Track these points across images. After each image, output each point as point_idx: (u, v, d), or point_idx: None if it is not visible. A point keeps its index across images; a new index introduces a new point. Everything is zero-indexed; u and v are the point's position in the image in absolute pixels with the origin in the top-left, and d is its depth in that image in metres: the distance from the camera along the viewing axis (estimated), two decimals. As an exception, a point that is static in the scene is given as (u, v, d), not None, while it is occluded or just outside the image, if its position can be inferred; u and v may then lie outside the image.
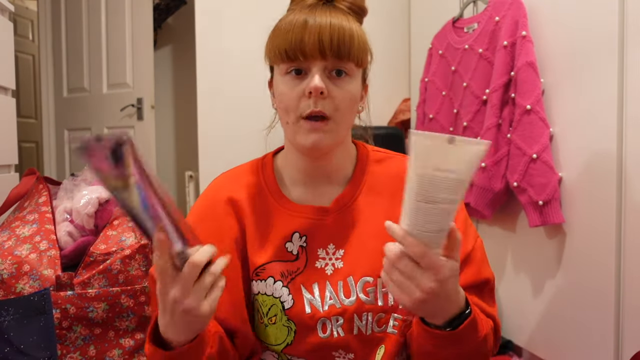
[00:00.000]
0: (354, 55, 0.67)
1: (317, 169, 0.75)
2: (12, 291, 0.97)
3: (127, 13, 2.58)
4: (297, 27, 0.66)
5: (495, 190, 1.50)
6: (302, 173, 0.76)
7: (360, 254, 0.72)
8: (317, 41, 0.65)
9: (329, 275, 0.72)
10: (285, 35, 0.67)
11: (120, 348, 1.03)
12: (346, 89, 0.68)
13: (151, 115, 2.57)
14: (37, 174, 1.32)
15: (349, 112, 0.70)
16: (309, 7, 0.69)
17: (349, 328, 0.70)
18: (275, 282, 0.71)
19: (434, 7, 2.01)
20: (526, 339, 1.56)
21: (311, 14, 0.67)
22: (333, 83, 0.68)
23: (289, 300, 0.70)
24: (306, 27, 0.65)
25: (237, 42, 2.10)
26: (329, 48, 0.65)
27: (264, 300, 0.71)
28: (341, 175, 0.77)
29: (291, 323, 0.70)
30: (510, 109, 1.47)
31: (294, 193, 0.76)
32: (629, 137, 1.17)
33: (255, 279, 0.72)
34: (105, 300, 1.01)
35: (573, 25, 1.31)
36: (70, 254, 1.09)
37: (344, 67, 0.68)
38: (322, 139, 0.68)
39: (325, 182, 0.76)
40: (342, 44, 0.66)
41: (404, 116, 2.21)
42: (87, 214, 1.13)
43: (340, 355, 0.71)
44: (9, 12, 1.53)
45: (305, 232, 0.73)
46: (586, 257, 1.29)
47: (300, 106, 0.67)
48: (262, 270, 0.72)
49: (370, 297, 0.71)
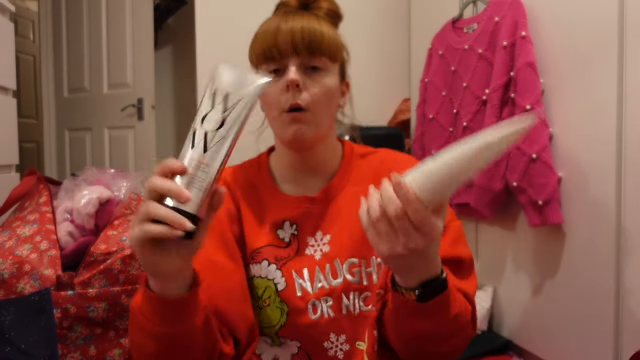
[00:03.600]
0: (326, 50, 0.73)
1: (303, 162, 0.80)
2: (12, 291, 0.97)
3: (128, 13, 2.58)
4: (272, 30, 0.73)
5: (495, 190, 1.51)
6: (290, 169, 0.82)
7: (345, 238, 0.76)
8: (289, 40, 0.72)
9: (317, 260, 0.76)
10: (262, 39, 0.74)
11: (120, 348, 1.03)
12: (321, 82, 0.74)
13: (151, 115, 2.57)
14: (37, 174, 1.32)
15: (325, 104, 0.75)
16: (285, 13, 0.76)
17: (338, 307, 0.74)
18: (270, 264, 0.75)
19: (434, 7, 2.01)
20: (526, 339, 1.56)
21: (286, 19, 0.74)
22: (308, 77, 0.74)
23: (282, 283, 0.74)
24: (279, 29, 0.72)
25: (237, 42, 2.10)
26: (301, 44, 0.72)
27: (258, 283, 0.75)
28: (327, 169, 0.82)
29: (284, 305, 0.74)
30: (510, 109, 1.47)
31: (285, 188, 0.82)
32: (628, 137, 1.17)
33: (252, 262, 0.76)
34: (106, 300, 1.02)
35: (573, 25, 1.31)
36: (70, 253, 1.09)
37: (318, 63, 0.74)
38: (302, 129, 0.73)
39: (312, 175, 0.81)
40: (313, 40, 0.72)
41: (404, 116, 2.22)
42: (87, 214, 1.13)
43: (332, 342, 0.74)
44: (10, 12, 1.53)
45: (296, 220, 0.78)
46: (586, 257, 1.29)
47: (281, 101, 0.73)
48: (257, 253, 0.76)
49: (356, 277, 0.75)
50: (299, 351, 0.74)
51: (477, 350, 1.55)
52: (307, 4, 0.78)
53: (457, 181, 0.54)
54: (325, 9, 0.78)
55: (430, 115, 1.84)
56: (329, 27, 0.75)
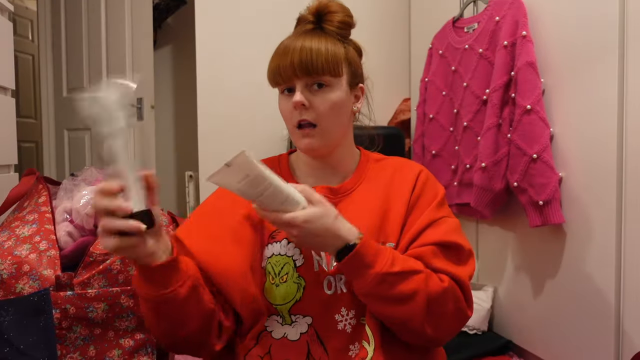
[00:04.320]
0: (323, 69, 0.80)
1: (323, 163, 0.89)
2: (11, 291, 0.97)
3: (127, 13, 2.58)
4: (279, 52, 0.82)
5: (495, 191, 1.50)
6: (310, 167, 0.90)
7: (360, 225, 0.80)
8: (288, 65, 0.80)
9: None
10: (272, 61, 0.83)
11: (120, 348, 1.02)
12: (326, 98, 0.81)
13: (151, 115, 2.57)
14: (36, 174, 1.32)
15: (333, 116, 0.83)
16: (296, 34, 0.84)
17: (350, 284, 0.80)
18: (289, 243, 0.82)
19: (434, 7, 2.01)
20: (526, 339, 1.56)
21: (294, 40, 0.81)
22: (314, 95, 0.81)
23: (300, 259, 0.81)
24: (284, 54, 0.81)
25: (237, 42, 2.10)
26: (299, 69, 0.79)
27: (277, 261, 0.82)
28: (345, 170, 0.91)
29: (301, 279, 0.80)
30: (511, 108, 1.47)
31: (305, 181, 0.89)
32: (629, 137, 1.17)
33: (271, 242, 0.84)
34: (105, 301, 1.01)
35: (574, 25, 1.31)
36: (69, 254, 1.08)
37: (322, 80, 0.81)
38: (313, 142, 0.83)
39: (331, 173, 0.90)
40: (309, 64, 0.79)
41: (404, 116, 2.21)
42: (86, 214, 1.12)
43: (343, 315, 0.80)
44: (9, 12, 1.53)
45: None
46: (586, 257, 1.29)
47: (292, 117, 0.83)
48: (277, 232, 0.84)
49: None
50: (309, 329, 0.79)
51: (477, 350, 1.55)
52: (321, 16, 0.85)
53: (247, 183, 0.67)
54: (337, 22, 0.84)
55: (431, 115, 1.84)
56: (332, 44, 0.82)
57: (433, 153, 1.83)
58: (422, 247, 0.79)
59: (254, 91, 2.04)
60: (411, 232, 0.82)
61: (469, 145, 1.62)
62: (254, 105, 2.09)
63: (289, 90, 0.83)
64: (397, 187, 0.87)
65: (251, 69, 2.07)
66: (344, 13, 0.85)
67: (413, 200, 0.85)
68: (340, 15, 0.84)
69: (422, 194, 0.86)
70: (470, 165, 1.62)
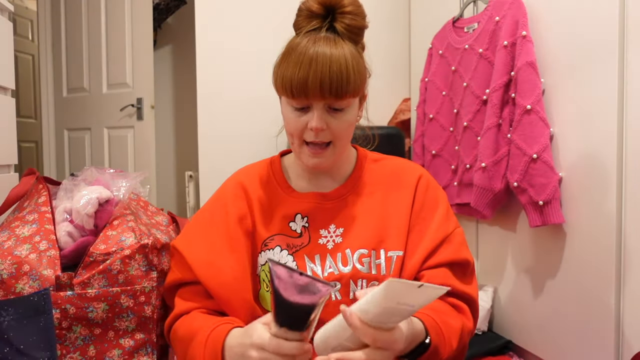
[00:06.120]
0: (352, 91, 0.74)
1: (320, 170, 0.87)
2: (11, 291, 0.97)
3: (127, 13, 2.58)
4: (296, 64, 0.73)
5: (495, 191, 1.50)
6: (305, 171, 0.88)
7: (357, 231, 0.81)
8: (318, 85, 0.72)
9: (330, 249, 0.82)
10: (292, 73, 0.73)
11: (120, 348, 1.02)
12: (344, 119, 0.78)
13: (151, 115, 2.57)
14: (36, 174, 1.32)
15: (347, 136, 0.81)
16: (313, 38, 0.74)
17: (346, 292, 0.79)
18: (282, 250, 0.81)
19: (434, 7, 2.01)
20: (526, 339, 1.56)
21: (314, 47, 0.72)
22: (332, 116, 0.77)
23: (293, 266, 0.80)
24: (308, 66, 0.72)
25: (237, 42, 2.10)
26: (328, 91, 0.72)
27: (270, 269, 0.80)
28: (342, 173, 0.88)
29: None
30: (511, 108, 1.47)
31: (298, 185, 0.87)
32: (629, 137, 1.17)
33: (264, 250, 0.82)
34: (105, 301, 1.01)
35: (574, 25, 1.31)
36: (70, 254, 1.08)
37: (343, 104, 0.76)
38: (323, 162, 0.80)
39: (327, 177, 0.88)
40: (340, 85, 0.72)
41: (404, 116, 2.21)
42: (87, 214, 1.12)
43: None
44: (9, 11, 1.53)
45: (307, 213, 0.84)
46: (586, 257, 1.29)
47: (302, 135, 0.78)
48: (270, 240, 0.83)
49: (365, 267, 0.81)
50: None
51: (477, 350, 1.55)
52: (333, 12, 0.76)
53: (393, 310, 0.59)
54: (354, 26, 0.76)
55: (431, 115, 1.84)
56: (356, 60, 0.74)
57: (433, 153, 1.83)
58: (440, 270, 0.79)
59: (254, 91, 2.04)
60: (426, 248, 0.80)
61: (469, 145, 1.62)
62: (254, 105, 2.09)
63: (303, 108, 0.76)
64: (397, 193, 0.86)
65: (252, 69, 2.07)
66: (356, 8, 0.77)
67: (416, 210, 0.84)
68: (354, 17, 0.76)
69: (425, 202, 0.85)
70: (470, 165, 1.62)
